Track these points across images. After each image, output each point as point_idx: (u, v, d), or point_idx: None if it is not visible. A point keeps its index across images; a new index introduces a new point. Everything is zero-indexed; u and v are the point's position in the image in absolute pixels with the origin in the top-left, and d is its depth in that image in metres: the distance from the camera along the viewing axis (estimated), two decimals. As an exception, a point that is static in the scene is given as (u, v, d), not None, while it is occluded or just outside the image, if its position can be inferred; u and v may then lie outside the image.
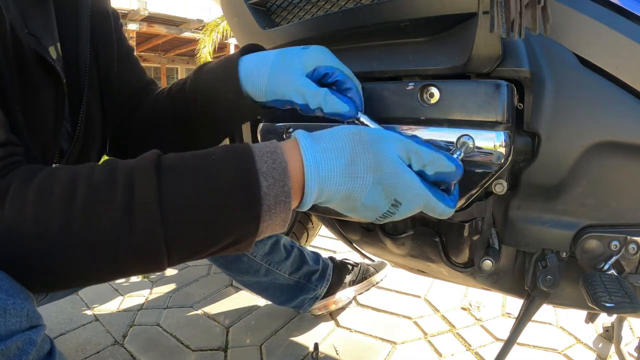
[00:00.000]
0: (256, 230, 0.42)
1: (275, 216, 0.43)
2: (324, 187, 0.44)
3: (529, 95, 0.55)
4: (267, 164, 0.42)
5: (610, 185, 0.55)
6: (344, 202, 0.46)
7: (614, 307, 0.49)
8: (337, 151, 0.45)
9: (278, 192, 0.42)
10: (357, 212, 0.47)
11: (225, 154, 0.43)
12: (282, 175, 0.42)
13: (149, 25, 10.97)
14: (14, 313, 0.34)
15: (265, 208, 0.41)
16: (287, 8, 0.75)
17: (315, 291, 1.21)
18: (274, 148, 0.44)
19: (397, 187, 0.45)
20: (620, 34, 0.51)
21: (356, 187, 0.45)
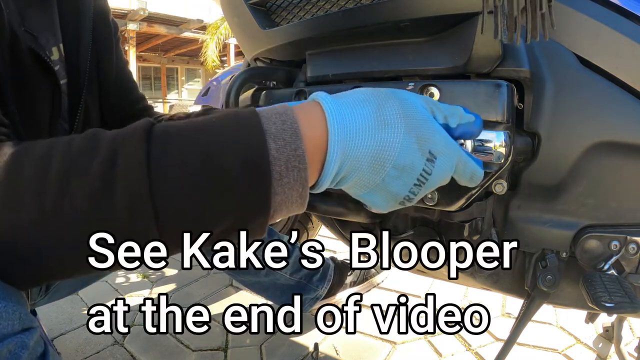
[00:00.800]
0: (267, 205, 0.35)
1: (289, 188, 0.35)
2: (350, 141, 0.37)
3: (529, 95, 0.55)
4: (276, 125, 0.36)
5: (610, 185, 0.55)
6: (373, 169, 0.38)
7: (614, 307, 0.49)
8: (362, 101, 0.39)
9: (290, 156, 0.35)
10: (387, 184, 0.39)
11: (226, 116, 0.37)
12: (294, 136, 0.36)
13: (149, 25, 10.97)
14: (6, 316, 0.32)
15: (275, 175, 0.35)
16: (287, 8, 0.75)
17: (316, 292, 1.21)
18: (284, 109, 0.38)
19: (430, 134, 0.40)
20: (620, 34, 0.51)
21: (389, 138, 0.38)
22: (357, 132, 0.38)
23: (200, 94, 2.22)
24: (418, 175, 0.40)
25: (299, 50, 0.76)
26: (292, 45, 0.74)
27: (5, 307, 0.32)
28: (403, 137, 0.38)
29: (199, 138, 0.35)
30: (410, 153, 0.39)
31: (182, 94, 18.49)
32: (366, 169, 0.39)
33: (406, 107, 0.40)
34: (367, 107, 0.39)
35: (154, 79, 17.54)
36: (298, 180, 0.36)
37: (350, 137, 0.38)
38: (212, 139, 0.35)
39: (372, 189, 0.40)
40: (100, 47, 0.72)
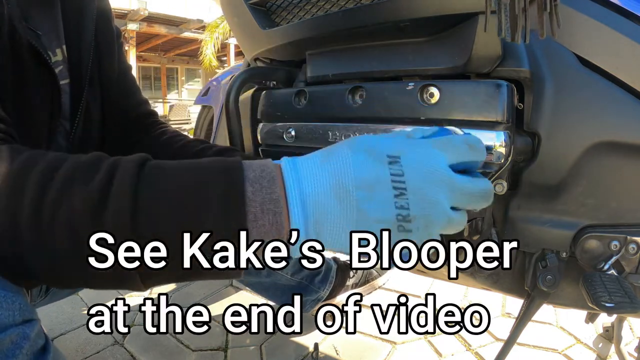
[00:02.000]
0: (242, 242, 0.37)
1: (264, 231, 0.37)
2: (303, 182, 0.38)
3: (529, 95, 0.55)
4: (255, 173, 0.38)
5: (610, 185, 0.55)
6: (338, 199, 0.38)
7: (614, 307, 0.49)
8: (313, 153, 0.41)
9: (265, 199, 0.36)
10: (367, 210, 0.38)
11: (213, 161, 0.40)
12: (271, 182, 0.37)
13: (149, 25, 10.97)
14: (6, 306, 0.33)
15: (250, 217, 0.36)
16: (287, 8, 0.75)
17: (317, 293, 1.21)
18: (265, 161, 0.40)
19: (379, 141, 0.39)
20: (620, 34, 0.51)
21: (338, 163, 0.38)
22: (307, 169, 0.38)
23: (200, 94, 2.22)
24: (390, 183, 0.37)
25: (299, 50, 0.76)
26: (292, 45, 0.74)
27: (5, 297, 0.33)
28: (352, 157, 0.38)
29: (182, 176, 0.38)
30: (365, 166, 0.37)
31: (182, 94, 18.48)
32: (332, 201, 0.37)
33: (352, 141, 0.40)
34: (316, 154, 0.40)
35: (154, 79, 17.54)
36: (273, 224, 0.37)
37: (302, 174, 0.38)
38: (194, 179, 0.37)
39: (354, 223, 0.38)
40: (102, 49, 0.73)
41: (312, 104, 0.70)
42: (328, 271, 1.23)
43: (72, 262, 0.36)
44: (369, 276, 1.34)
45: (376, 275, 1.35)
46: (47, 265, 0.36)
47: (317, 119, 0.70)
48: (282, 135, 0.72)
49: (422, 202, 0.37)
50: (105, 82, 0.74)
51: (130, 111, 0.81)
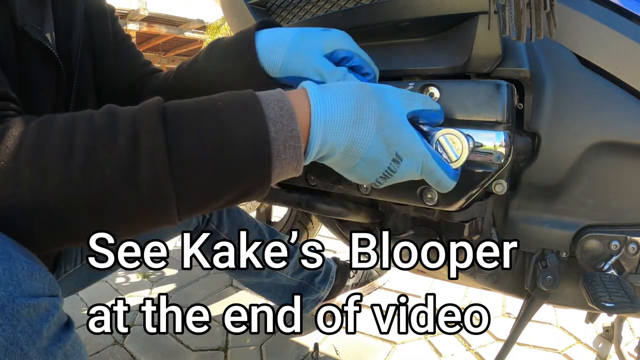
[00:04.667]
0: (267, 176, 0.41)
1: (287, 163, 0.42)
2: (328, 132, 0.43)
3: (529, 95, 0.55)
4: (275, 111, 0.42)
5: (610, 185, 0.55)
6: (345, 158, 0.45)
7: (614, 307, 0.49)
8: (345, 97, 0.44)
9: (287, 137, 0.41)
10: (357, 170, 0.46)
11: (232, 101, 0.42)
12: (290, 120, 0.42)
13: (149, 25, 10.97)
14: (39, 279, 0.35)
15: (274, 153, 0.41)
16: (287, 8, 0.75)
17: (317, 293, 1.21)
18: (281, 96, 0.43)
19: (399, 138, 0.45)
20: (620, 33, 0.51)
21: (360, 135, 0.44)
22: (334, 126, 0.43)
23: (200, 94, 2.22)
24: (383, 171, 0.46)
25: (299, 50, 0.75)
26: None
27: (40, 270, 0.35)
28: (373, 137, 0.44)
29: (209, 121, 0.40)
30: (378, 152, 0.44)
31: (182, 94, 18.41)
32: (340, 156, 0.45)
33: (383, 108, 0.45)
34: (348, 103, 0.44)
35: (154, 79, 17.50)
36: (294, 156, 0.42)
37: (328, 129, 0.43)
38: (220, 123, 0.40)
39: (343, 170, 0.47)
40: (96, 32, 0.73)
41: (312, 104, 0.70)
42: (328, 271, 1.23)
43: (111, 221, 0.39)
44: (369, 276, 1.34)
45: (376, 276, 1.35)
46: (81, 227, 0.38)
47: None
48: None
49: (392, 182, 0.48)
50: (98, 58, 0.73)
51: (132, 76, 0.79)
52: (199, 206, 0.41)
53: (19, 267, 0.34)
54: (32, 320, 0.33)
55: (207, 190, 0.40)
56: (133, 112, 0.39)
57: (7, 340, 0.31)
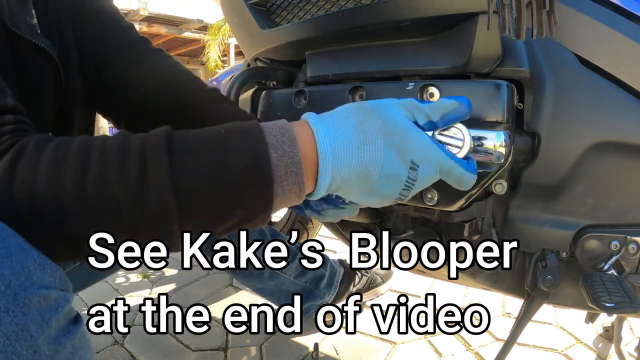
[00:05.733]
0: (269, 203, 0.42)
1: (288, 189, 0.42)
2: (338, 166, 0.43)
3: (529, 95, 0.55)
4: (276, 138, 0.42)
5: (610, 185, 0.55)
6: (362, 180, 0.44)
7: (614, 307, 0.49)
8: (343, 120, 0.45)
9: (288, 163, 0.41)
10: (378, 190, 0.45)
11: (235, 130, 0.43)
12: (292, 146, 0.42)
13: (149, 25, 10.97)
14: (50, 272, 0.36)
15: (276, 179, 0.41)
16: (287, 8, 0.75)
17: (322, 299, 1.20)
18: (283, 124, 0.44)
19: (410, 146, 0.44)
20: (620, 33, 0.51)
21: (371, 155, 0.43)
22: (342, 145, 0.43)
23: (200, 93, 2.22)
24: (404, 182, 0.45)
25: (299, 50, 0.76)
26: (292, 45, 0.74)
27: (50, 265, 0.37)
28: (384, 153, 0.44)
29: (212, 149, 0.41)
30: (393, 165, 0.44)
31: (182, 94, 18.39)
32: (355, 181, 0.44)
33: (386, 122, 0.44)
34: (348, 124, 0.44)
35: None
36: (296, 183, 0.42)
37: (338, 159, 0.43)
38: (222, 149, 0.41)
39: (364, 194, 0.46)
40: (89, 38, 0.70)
41: (312, 104, 0.70)
42: (333, 275, 1.23)
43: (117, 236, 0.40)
44: (373, 283, 1.33)
45: (380, 282, 1.35)
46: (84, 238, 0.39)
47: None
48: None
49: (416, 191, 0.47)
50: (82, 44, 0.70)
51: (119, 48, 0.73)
52: (200, 228, 0.42)
53: (30, 260, 0.35)
54: (42, 309, 0.35)
55: (209, 214, 0.41)
56: (143, 138, 0.41)
57: (18, 326, 0.33)
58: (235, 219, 0.42)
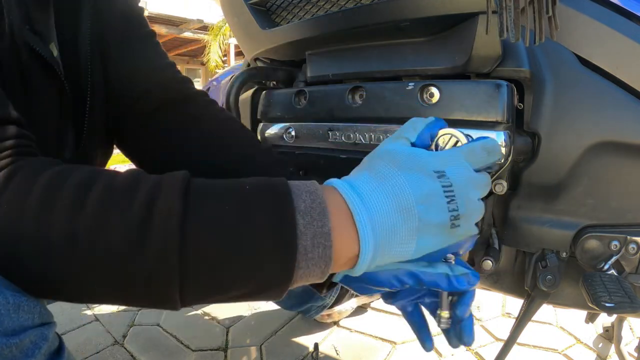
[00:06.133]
0: (289, 275, 0.36)
1: (313, 263, 0.37)
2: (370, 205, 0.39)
3: (529, 95, 0.55)
4: (305, 203, 0.37)
5: (610, 185, 0.55)
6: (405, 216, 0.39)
7: (614, 307, 0.49)
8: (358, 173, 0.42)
9: (316, 232, 0.36)
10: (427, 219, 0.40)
11: (260, 185, 0.38)
12: (322, 215, 0.37)
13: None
14: (27, 310, 0.34)
15: (301, 250, 0.36)
16: (287, 8, 0.75)
17: (323, 300, 1.20)
18: (314, 188, 0.39)
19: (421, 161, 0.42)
20: (620, 33, 0.51)
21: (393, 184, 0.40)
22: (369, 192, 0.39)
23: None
24: (443, 194, 0.40)
25: (299, 50, 0.76)
26: (292, 45, 0.74)
27: (27, 301, 0.34)
28: (404, 177, 0.40)
29: (231, 203, 0.36)
30: (420, 183, 0.40)
31: (182, 93, 18.35)
32: (398, 218, 0.39)
33: (389, 155, 0.42)
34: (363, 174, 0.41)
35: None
36: (322, 257, 0.37)
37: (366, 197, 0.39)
38: (243, 207, 0.36)
39: (416, 235, 0.40)
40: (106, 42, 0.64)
41: (312, 104, 0.70)
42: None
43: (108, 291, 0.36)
44: None
45: None
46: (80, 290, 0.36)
47: (317, 119, 0.70)
48: (282, 135, 0.72)
49: (467, 203, 0.42)
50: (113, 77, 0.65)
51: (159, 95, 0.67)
52: (205, 294, 0.37)
53: (2, 302, 0.32)
54: (15, 358, 0.32)
55: (217, 277, 0.36)
56: (156, 179, 0.36)
57: None
58: (247, 289, 0.37)
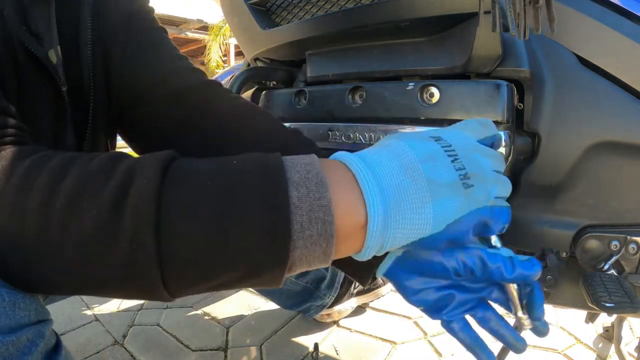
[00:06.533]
0: (284, 256, 0.32)
1: (312, 242, 0.32)
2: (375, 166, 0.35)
3: (529, 95, 0.55)
4: (300, 174, 0.33)
5: (610, 185, 0.55)
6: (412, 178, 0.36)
7: (614, 307, 0.49)
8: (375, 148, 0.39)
9: (313, 205, 0.32)
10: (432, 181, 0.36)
11: (249, 159, 0.35)
12: (319, 185, 0.33)
13: (149, 25, 10.97)
14: (23, 307, 0.33)
15: (295, 226, 0.31)
16: (287, 8, 0.75)
17: (322, 300, 1.20)
18: (311, 159, 0.35)
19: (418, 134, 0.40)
20: (620, 34, 0.51)
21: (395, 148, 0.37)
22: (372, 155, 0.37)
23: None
24: (444, 153, 0.38)
25: (299, 50, 0.76)
26: (292, 45, 0.74)
27: (23, 298, 0.33)
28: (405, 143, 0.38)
29: (216, 179, 0.33)
30: (419, 146, 0.38)
31: (182, 94, 18.35)
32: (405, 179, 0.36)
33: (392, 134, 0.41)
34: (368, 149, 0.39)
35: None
36: (322, 234, 0.32)
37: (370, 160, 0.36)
38: (230, 181, 0.32)
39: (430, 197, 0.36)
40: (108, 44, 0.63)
41: (312, 104, 0.70)
42: (334, 277, 1.22)
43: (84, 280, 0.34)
44: (374, 285, 1.33)
45: (381, 284, 1.35)
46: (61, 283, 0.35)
47: (317, 119, 0.70)
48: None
49: (473, 163, 0.39)
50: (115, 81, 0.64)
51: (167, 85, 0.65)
52: (192, 280, 0.33)
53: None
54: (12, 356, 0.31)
55: (201, 261, 0.32)
56: (135, 160, 0.34)
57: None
58: (238, 274, 0.33)
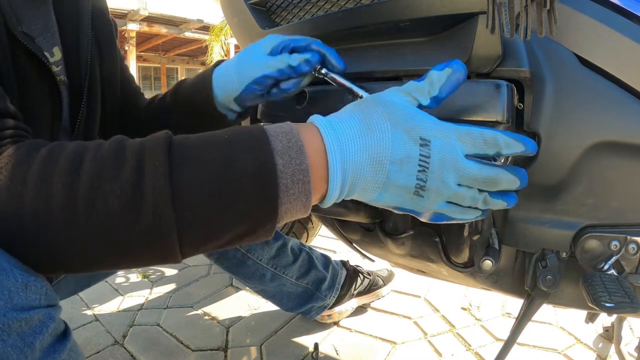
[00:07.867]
0: (274, 212, 0.40)
1: (295, 198, 0.40)
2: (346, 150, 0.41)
3: (529, 95, 0.55)
4: (282, 143, 0.40)
5: (611, 185, 0.55)
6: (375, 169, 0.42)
7: (614, 307, 0.49)
8: (348, 115, 0.44)
9: (295, 170, 0.40)
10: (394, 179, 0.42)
11: (238, 134, 0.41)
12: (299, 153, 0.40)
13: (149, 25, 10.98)
14: (34, 290, 0.35)
15: (282, 188, 0.39)
16: (287, 8, 0.75)
17: (323, 301, 1.20)
18: (289, 128, 0.42)
19: (417, 125, 0.43)
20: (620, 34, 0.51)
21: (379, 139, 0.42)
22: (349, 139, 0.42)
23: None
24: (417, 161, 0.42)
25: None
26: (292, 45, 0.74)
27: (35, 281, 0.36)
28: (392, 134, 0.42)
29: (214, 154, 0.39)
30: (402, 145, 0.42)
31: (182, 94, 18.35)
32: (368, 170, 0.42)
33: (389, 108, 0.44)
34: (354, 118, 0.43)
35: (154, 79, 17.53)
36: (303, 191, 0.40)
37: (345, 144, 0.42)
38: (225, 155, 0.39)
39: (381, 188, 0.43)
40: (102, 46, 0.72)
41: (312, 104, 0.70)
42: (335, 277, 1.22)
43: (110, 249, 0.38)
44: (375, 285, 1.33)
45: (382, 285, 1.35)
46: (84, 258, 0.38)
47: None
48: None
49: (437, 180, 0.43)
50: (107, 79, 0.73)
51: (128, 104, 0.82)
52: (202, 241, 0.40)
53: (12, 280, 0.34)
54: (24, 333, 0.33)
55: (210, 223, 0.39)
56: (141, 142, 0.39)
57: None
58: (238, 231, 0.40)
